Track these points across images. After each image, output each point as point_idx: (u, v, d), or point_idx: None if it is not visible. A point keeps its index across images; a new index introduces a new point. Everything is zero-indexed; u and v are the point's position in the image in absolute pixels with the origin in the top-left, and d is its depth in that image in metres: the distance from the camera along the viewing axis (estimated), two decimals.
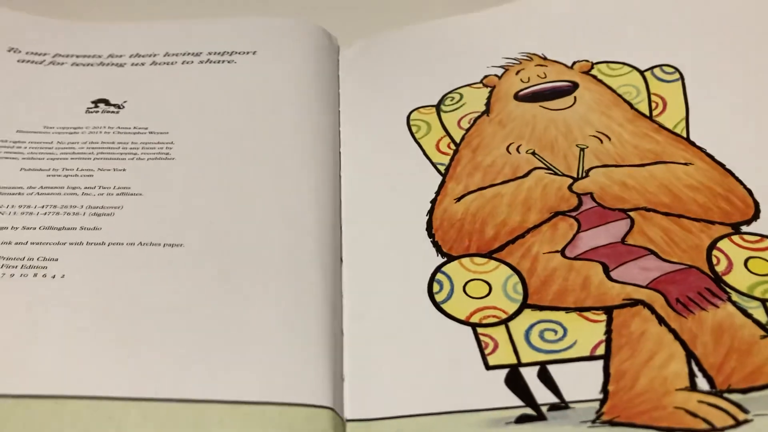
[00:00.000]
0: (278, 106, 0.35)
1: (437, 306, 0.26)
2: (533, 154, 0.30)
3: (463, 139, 0.32)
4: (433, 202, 0.30)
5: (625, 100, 0.33)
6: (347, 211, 0.30)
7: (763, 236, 0.27)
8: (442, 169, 0.31)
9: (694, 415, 0.22)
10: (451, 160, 0.32)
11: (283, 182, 0.31)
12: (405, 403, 0.23)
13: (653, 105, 0.33)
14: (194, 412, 0.23)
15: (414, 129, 0.33)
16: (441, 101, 0.35)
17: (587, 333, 0.24)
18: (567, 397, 0.23)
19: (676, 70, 0.33)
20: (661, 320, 0.24)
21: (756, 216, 0.27)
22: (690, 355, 0.23)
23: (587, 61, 0.35)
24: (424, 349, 0.25)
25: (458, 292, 0.26)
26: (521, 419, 0.22)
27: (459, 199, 0.30)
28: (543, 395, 0.23)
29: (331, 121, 0.35)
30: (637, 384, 0.23)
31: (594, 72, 0.35)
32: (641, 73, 0.34)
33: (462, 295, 0.26)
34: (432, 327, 0.25)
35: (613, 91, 0.34)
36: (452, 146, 0.32)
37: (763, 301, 0.24)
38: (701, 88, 0.33)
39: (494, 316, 0.25)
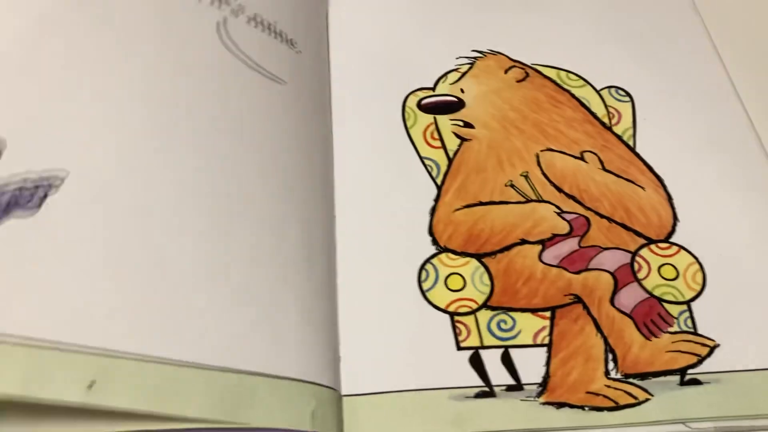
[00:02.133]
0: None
1: (423, 294, 0.33)
2: (512, 186, 0.36)
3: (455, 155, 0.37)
4: (433, 210, 0.35)
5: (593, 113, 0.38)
6: (340, 202, 0.34)
7: (671, 243, 0.34)
8: (430, 165, 0.36)
9: (604, 396, 0.30)
10: (446, 172, 0.36)
11: (278, 168, 0.32)
12: (392, 379, 0.30)
13: (611, 115, 0.38)
14: (193, 374, 0.26)
15: (406, 116, 0.38)
16: (437, 83, 0.40)
17: (530, 324, 0.32)
18: (522, 379, 0.30)
19: (627, 93, 0.39)
20: (591, 316, 0.32)
21: (671, 234, 0.34)
22: (608, 347, 0.31)
23: (522, 68, 0.40)
24: (408, 332, 0.31)
25: (441, 283, 0.33)
26: (479, 395, 0.30)
27: (458, 209, 0.35)
28: (503, 377, 0.30)
29: (325, 96, 0.38)
30: (571, 374, 0.30)
31: (555, 79, 0.40)
32: (597, 91, 0.39)
33: (443, 286, 0.32)
34: (417, 313, 0.32)
35: (583, 104, 0.39)
36: (436, 136, 0.38)
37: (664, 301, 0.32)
38: (650, 110, 0.38)
39: (467, 306, 0.32)
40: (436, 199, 0.35)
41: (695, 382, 0.30)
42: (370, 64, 0.40)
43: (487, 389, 0.30)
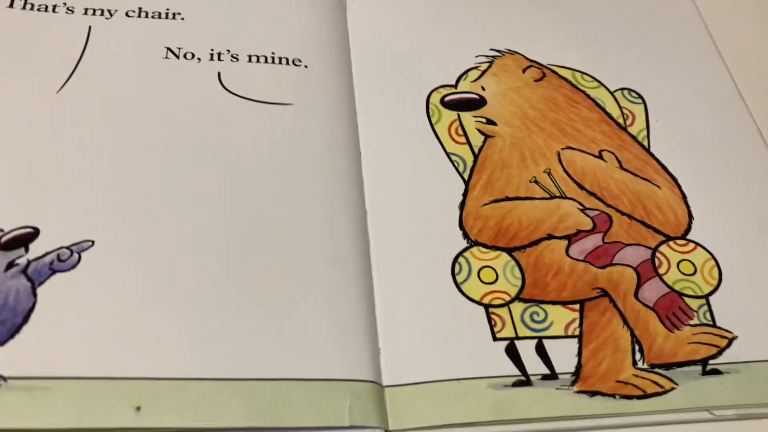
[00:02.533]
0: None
1: (457, 286, 0.34)
2: (535, 182, 0.37)
3: (480, 151, 0.38)
4: (462, 204, 0.36)
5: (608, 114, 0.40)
6: (371, 200, 0.35)
7: (688, 240, 0.35)
8: (456, 160, 0.37)
9: (633, 385, 0.31)
10: (473, 167, 0.37)
11: (297, 180, 0.35)
12: (431, 370, 0.30)
13: (625, 116, 0.40)
14: (230, 388, 0.28)
15: (431, 113, 0.39)
16: (458, 81, 0.41)
17: (561, 316, 0.33)
18: (556, 369, 0.31)
19: (640, 95, 0.40)
20: (617, 309, 0.33)
21: (687, 231, 0.36)
22: (634, 338, 0.33)
23: (539, 68, 0.41)
24: (446, 324, 0.32)
25: (474, 275, 0.34)
26: (516, 384, 0.31)
27: (486, 204, 0.36)
28: (538, 366, 0.31)
29: (342, 103, 0.39)
30: (602, 364, 0.32)
31: (570, 80, 0.41)
32: (611, 92, 0.40)
33: (477, 279, 0.34)
34: (452, 305, 0.33)
35: (598, 105, 0.40)
36: (460, 132, 0.39)
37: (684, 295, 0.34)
38: (662, 112, 0.40)
39: (501, 298, 0.33)
40: (465, 194, 0.36)
41: (716, 371, 0.32)
42: (393, 62, 0.41)
43: (523, 378, 0.31)
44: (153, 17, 0.40)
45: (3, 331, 0.28)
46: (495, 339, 0.32)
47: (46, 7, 0.40)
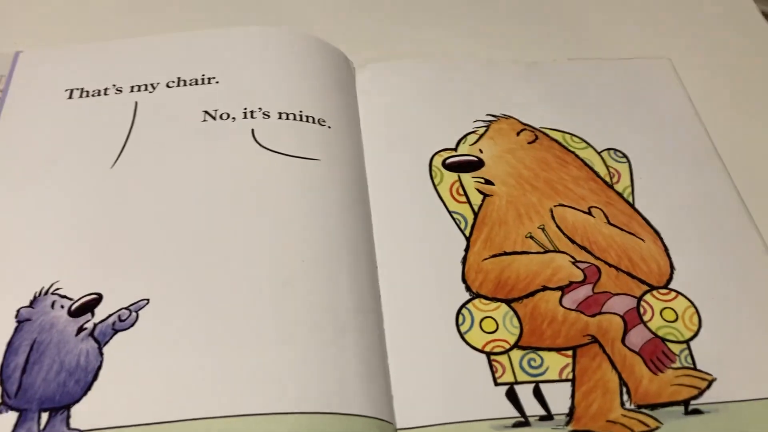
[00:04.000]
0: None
1: (461, 336, 0.37)
2: (531, 237, 0.40)
3: (480, 209, 0.41)
4: (464, 259, 0.39)
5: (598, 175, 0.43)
6: (382, 257, 0.38)
7: (670, 290, 0.38)
8: (458, 218, 0.41)
9: (622, 424, 0.34)
10: (473, 224, 0.40)
11: (325, 235, 0.38)
12: (439, 413, 0.33)
13: (612, 174, 0.43)
14: (264, 422, 0.31)
15: (433, 174, 0.43)
16: (458, 144, 0.44)
17: (556, 362, 0.36)
18: (552, 410, 0.34)
19: (624, 155, 0.44)
20: (606, 354, 0.36)
21: (669, 281, 0.39)
22: (621, 381, 0.35)
23: (532, 131, 0.44)
24: (451, 371, 0.35)
25: (476, 325, 0.37)
26: (516, 425, 0.34)
27: (486, 259, 0.39)
28: (536, 408, 0.34)
29: (358, 161, 0.42)
30: (593, 405, 0.34)
31: (561, 141, 0.44)
32: (598, 152, 0.44)
33: (479, 329, 0.37)
34: (457, 353, 0.36)
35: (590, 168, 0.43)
36: (461, 192, 0.42)
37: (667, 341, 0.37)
38: (645, 170, 0.43)
39: (501, 346, 0.36)
40: (466, 250, 0.39)
41: (697, 411, 0.34)
42: (398, 129, 0.44)
43: (522, 419, 0.34)
44: (190, 84, 0.44)
45: (78, 390, 0.32)
46: (496, 384, 0.35)
47: (98, 91, 0.44)
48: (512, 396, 0.34)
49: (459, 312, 0.37)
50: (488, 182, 0.42)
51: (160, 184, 0.39)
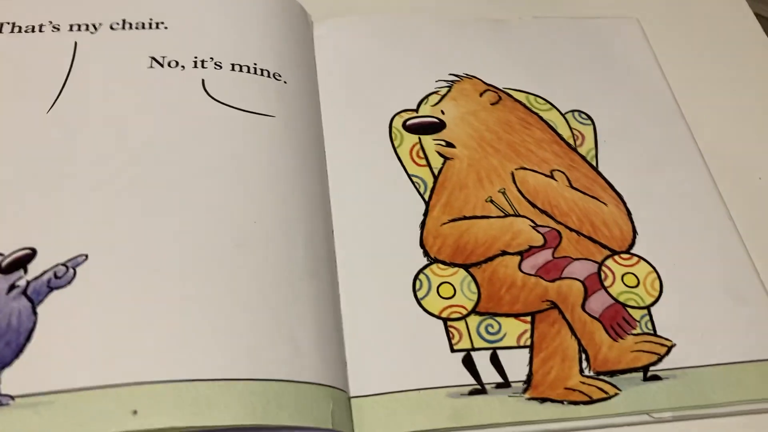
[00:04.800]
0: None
1: (418, 301, 0.35)
2: (491, 201, 0.39)
3: (440, 173, 0.40)
4: (422, 224, 0.37)
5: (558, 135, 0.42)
6: (338, 219, 0.37)
7: (632, 255, 0.38)
8: (417, 182, 0.39)
9: (580, 391, 0.33)
10: (433, 188, 0.39)
11: (278, 194, 0.36)
12: (394, 381, 0.32)
13: (576, 137, 0.42)
14: (213, 388, 0.30)
15: (393, 136, 0.41)
16: (419, 105, 0.42)
17: (514, 328, 0.35)
18: (509, 377, 0.34)
19: (589, 117, 0.42)
20: (566, 320, 0.35)
21: (631, 246, 0.38)
22: (581, 347, 0.35)
23: (495, 92, 0.43)
24: (407, 337, 0.34)
25: (433, 291, 0.36)
26: (472, 392, 0.33)
27: (445, 223, 0.37)
28: (493, 375, 0.33)
29: (315, 120, 0.40)
30: (551, 372, 0.34)
31: (525, 102, 0.43)
32: (562, 114, 0.43)
33: (436, 295, 0.35)
34: (413, 319, 0.35)
35: (549, 125, 0.42)
36: (421, 155, 0.41)
37: (629, 306, 0.36)
38: (610, 133, 0.42)
39: (458, 312, 0.35)
40: (425, 214, 0.38)
41: (656, 377, 0.34)
42: (357, 88, 0.43)
43: (479, 387, 0.33)
44: (137, 28, 0.41)
45: (8, 353, 0.29)
46: (453, 350, 0.34)
47: (33, 27, 0.40)
48: (469, 363, 0.34)
49: (416, 277, 0.36)
50: (449, 145, 0.41)
51: (100, 131, 0.36)
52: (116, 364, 0.30)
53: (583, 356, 0.34)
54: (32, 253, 0.32)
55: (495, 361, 0.34)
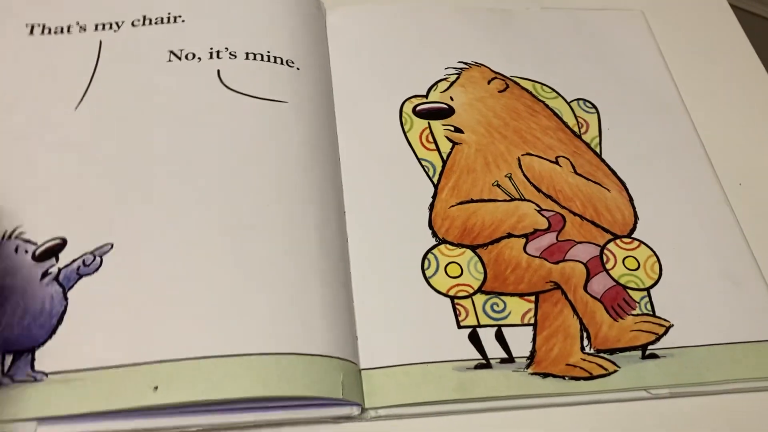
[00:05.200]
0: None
1: (426, 280, 0.37)
2: (498, 185, 0.40)
3: (448, 157, 0.41)
4: (431, 206, 0.39)
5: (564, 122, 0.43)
6: (350, 201, 0.38)
7: (633, 239, 0.39)
8: (427, 166, 0.41)
9: (581, 368, 0.35)
10: (441, 172, 0.40)
11: (291, 177, 0.37)
12: (403, 354, 0.34)
13: (580, 125, 0.43)
14: (229, 363, 0.31)
15: (403, 121, 0.42)
16: (429, 91, 0.44)
17: (519, 306, 0.36)
18: (513, 353, 0.35)
19: (594, 105, 0.44)
20: (568, 300, 0.37)
21: (632, 230, 0.39)
22: (582, 326, 0.36)
23: (503, 80, 0.44)
24: (415, 313, 0.35)
25: (441, 270, 0.37)
26: (477, 366, 0.34)
27: (453, 206, 0.39)
28: (497, 351, 0.35)
29: (327, 105, 0.41)
30: (553, 349, 0.35)
31: (531, 90, 0.44)
32: (567, 102, 0.44)
33: (444, 274, 0.37)
34: (422, 296, 0.36)
35: (557, 116, 0.43)
36: (431, 139, 0.42)
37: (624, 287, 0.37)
38: (614, 121, 0.43)
39: (465, 291, 0.37)
40: (434, 197, 0.39)
41: (654, 356, 0.35)
42: (368, 74, 0.44)
43: (484, 362, 0.34)
44: (156, 23, 0.43)
45: (42, 333, 0.32)
46: (459, 327, 0.35)
47: (61, 29, 0.42)
48: (475, 339, 0.35)
49: (425, 257, 0.37)
50: (458, 130, 0.42)
51: (124, 126, 0.38)
52: (140, 344, 0.32)
53: (585, 335, 0.36)
54: (63, 243, 0.34)
55: (500, 337, 0.35)
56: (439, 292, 0.36)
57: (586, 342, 0.35)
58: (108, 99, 0.39)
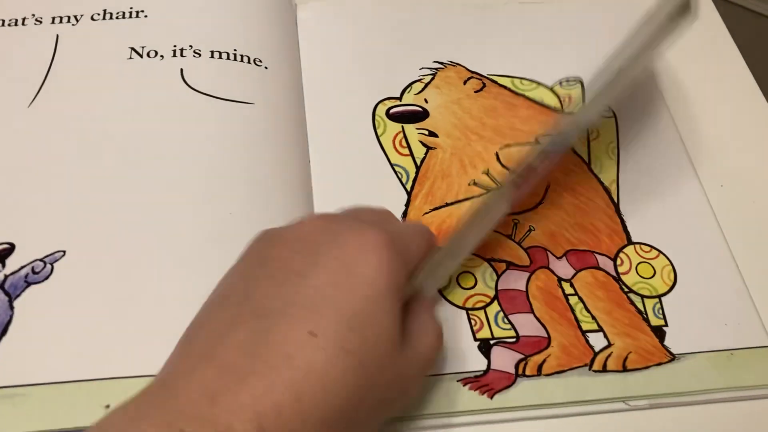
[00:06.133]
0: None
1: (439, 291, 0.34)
2: (475, 184, 0.38)
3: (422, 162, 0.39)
4: (404, 214, 0.37)
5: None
6: (319, 208, 0.36)
7: (652, 247, 0.37)
8: (400, 172, 0.38)
9: None
10: (415, 178, 0.38)
11: (258, 181, 0.35)
12: None
13: (563, 101, 0.41)
14: None
15: (376, 124, 0.41)
16: (403, 93, 0.42)
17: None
18: None
19: (577, 79, 0.42)
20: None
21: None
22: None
23: (479, 79, 0.42)
24: None
25: (453, 282, 0.35)
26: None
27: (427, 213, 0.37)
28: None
29: (297, 106, 0.39)
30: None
31: (510, 86, 0.42)
32: (549, 88, 0.42)
33: (456, 286, 0.35)
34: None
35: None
36: (404, 144, 0.40)
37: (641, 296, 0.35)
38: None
39: (481, 301, 0.35)
40: (407, 204, 0.38)
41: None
42: (341, 73, 0.42)
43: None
44: (117, 18, 0.41)
45: None
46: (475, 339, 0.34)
47: (16, 21, 0.40)
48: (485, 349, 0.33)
49: None
50: (432, 134, 0.40)
51: (80, 126, 0.36)
52: (90, 359, 0.30)
53: None
54: (10, 248, 0.32)
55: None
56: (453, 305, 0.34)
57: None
58: (64, 97, 0.37)
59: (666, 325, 0.34)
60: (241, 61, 0.39)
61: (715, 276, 0.36)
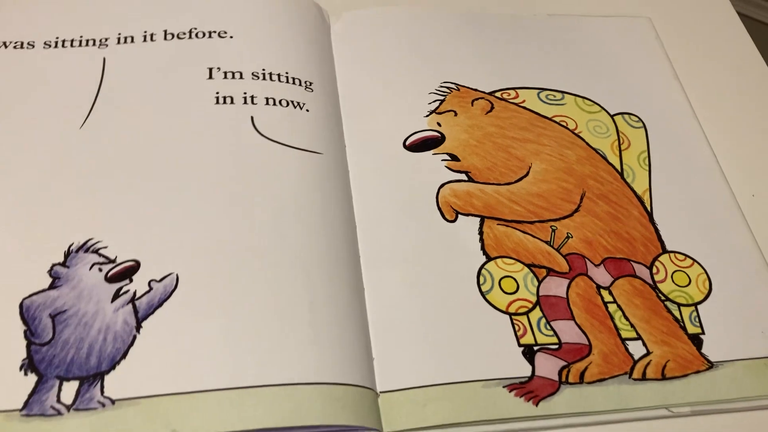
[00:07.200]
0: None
1: (483, 296, 0.34)
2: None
3: None
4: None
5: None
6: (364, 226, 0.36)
7: (686, 256, 0.37)
8: None
9: None
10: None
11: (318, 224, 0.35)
12: (421, 375, 0.32)
13: (621, 140, 0.41)
14: (256, 394, 0.30)
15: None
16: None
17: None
18: None
19: (640, 119, 0.42)
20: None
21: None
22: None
23: (488, 100, 0.42)
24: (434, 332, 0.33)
25: (496, 286, 0.34)
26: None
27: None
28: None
29: (336, 122, 0.39)
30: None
31: (569, 104, 0.42)
32: (611, 116, 0.42)
33: (498, 290, 0.34)
34: (476, 313, 0.33)
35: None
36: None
37: (678, 304, 0.35)
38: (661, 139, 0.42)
39: (524, 306, 0.34)
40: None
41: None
42: (376, 83, 0.42)
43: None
44: (186, 38, 0.41)
45: (112, 358, 0.30)
46: (519, 345, 0.34)
47: (63, 42, 0.40)
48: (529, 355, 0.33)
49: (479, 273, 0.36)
50: (454, 158, 0.39)
51: (133, 146, 0.36)
52: (200, 372, 0.30)
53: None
54: (136, 266, 0.33)
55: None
56: (497, 309, 0.34)
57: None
58: (113, 118, 0.37)
59: (703, 333, 0.34)
60: (293, 83, 0.39)
61: (749, 284, 0.36)
